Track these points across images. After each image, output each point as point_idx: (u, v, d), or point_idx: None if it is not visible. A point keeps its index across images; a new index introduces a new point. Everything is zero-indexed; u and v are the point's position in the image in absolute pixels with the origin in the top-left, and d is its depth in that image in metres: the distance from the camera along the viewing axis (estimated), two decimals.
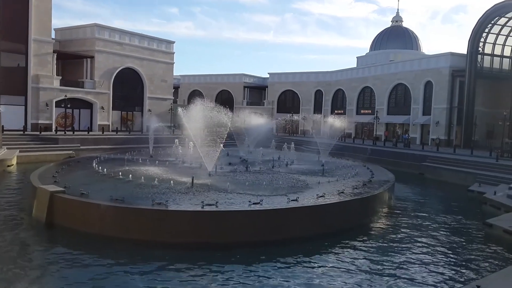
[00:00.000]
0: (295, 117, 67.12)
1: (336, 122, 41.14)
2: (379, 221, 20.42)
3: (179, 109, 32.64)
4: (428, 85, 54.61)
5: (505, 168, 32.22)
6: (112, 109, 53.13)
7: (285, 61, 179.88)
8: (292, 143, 42.07)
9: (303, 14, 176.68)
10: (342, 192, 20.04)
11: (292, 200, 17.61)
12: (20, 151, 34.51)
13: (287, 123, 72.61)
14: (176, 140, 33.51)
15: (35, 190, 17.85)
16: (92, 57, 50.92)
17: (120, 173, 22.12)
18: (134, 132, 50.10)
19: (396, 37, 75.81)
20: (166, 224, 15.44)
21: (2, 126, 35.77)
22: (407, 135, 53.50)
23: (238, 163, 29.96)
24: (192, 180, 20.78)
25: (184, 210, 15.85)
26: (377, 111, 59.12)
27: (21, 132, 41.42)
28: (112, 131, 50.90)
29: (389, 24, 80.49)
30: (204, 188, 19.95)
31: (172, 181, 20.72)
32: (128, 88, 55.57)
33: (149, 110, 57.10)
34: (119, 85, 53.94)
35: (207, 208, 15.89)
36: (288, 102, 77.54)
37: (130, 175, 21.90)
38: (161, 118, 51.55)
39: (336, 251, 15.52)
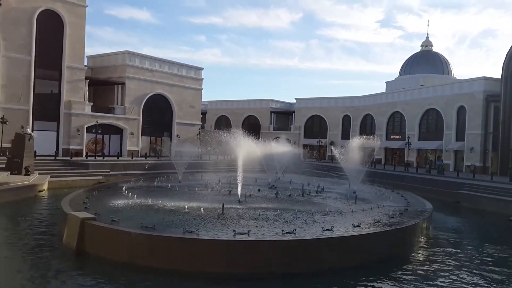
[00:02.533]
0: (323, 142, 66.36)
1: (366, 144, 40.19)
2: (417, 252, 19.34)
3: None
4: (461, 110, 53.16)
5: None
6: (142, 135, 53.71)
7: (310, 87, 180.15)
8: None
9: (327, 41, 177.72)
10: (378, 222, 19.18)
11: (326, 230, 16.90)
12: (51, 177, 34.93)
13: (314, 148, 71.89)
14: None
15: (66, 216, 17.72)
16: (123, 84, 51.95)
17: (150, 200, 21.90)
18: (162, 157, 50.29)
19: (426, 61, 74.77)
20: (198, 253, 14.95)
21: (35, 151, 36.42)
22: (441, 161, 51.84)
23: (267, 189, 29.45)
24: (223, 207, 20.35)
25: (216, 239, 15.35)
26: (408, 137, 57.76)
27: (53, 158, 42.08)
28: (141, 156, 51.31)
29: (416, 49, 79.81)
30: (235, 215, 19.47)
31: (202, 208, 20.34)
32: (157, 114, 56.26)
33: (178, 136, 57.47)
34: (149, 111, 54.66)
35: (239, 237, 15.36)
36: (315, 127, 76.91)
37: (160, 201, 21.63)
38: (189, 144, 51.69)
39: (372, 284, 14.62)
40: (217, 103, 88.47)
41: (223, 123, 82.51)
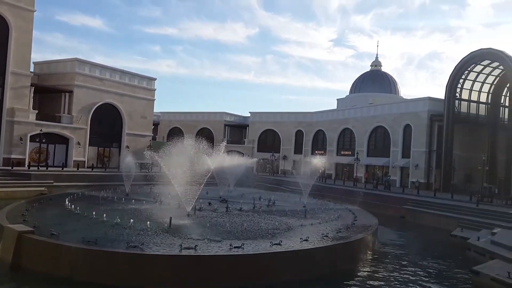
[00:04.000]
0: (275, 156, 66.87)
1: (316, 162, 40.92)
2: (363, 266, 19.74)
3: (146, 152, 32.30)
4: (407, 129, 55.42)
5: (486, 213, 32.20)
6: (89, 145, 51.77)
7: (265, 101, 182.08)
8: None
9: (283, 56, 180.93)
10: (326, 236, 19.44)
11: (275, 244, 16.90)
12: None
13: (267, 162, 72.26)
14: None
15: (2, 229, 16.67)
16: (71, 92, 50.06)
17: (94, 213, 21.05)
18: (110, 169, 48.67)
19: (375, 80, 77.76)
20: (141, 268, 14.45)
21: None
22: (387, 177, 53.62)
23: (218, 203, 29.18)
24: (170, 221, 19.90)
25: (160, 254, 14.92)
26: (357, 153, 59.44)
27: None
28: (88, 167, 49.41)
29: (366, 69, 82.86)
30: (183, 229, 19.06)
31: (148, 222, 19.76)
32: (106, 124, 54.56)
33: (127, 147, 55.95)
34: (97, 121, 52.89)
35: (185, 252, 15.03)
36: (269, 141, 77.52)
37: (105, 215, 20.85)
38: (139, 155, 50.42)
39: None
40: (170, 114, 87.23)
41: (176, 134, 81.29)
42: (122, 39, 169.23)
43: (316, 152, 67.81)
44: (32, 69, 49.34)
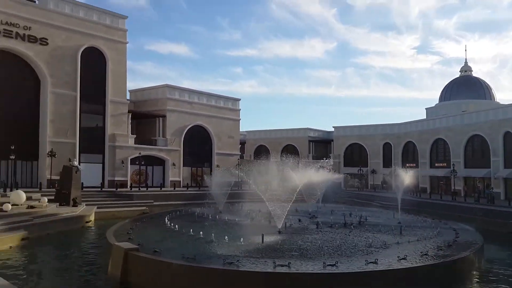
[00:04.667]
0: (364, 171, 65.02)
1: (408, 175, 39.07)
2: (468, 287, 18.31)
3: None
4: (508, 136, 50.89)
5: None
6: (183, 165, 54.73)
7: (348, 115, 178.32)
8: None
9: (363, 68, 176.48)
10: (426, 254, 18.38)
11: (370, 262, 16.36)
12: (97, 208, 36.02)
13: (355, 177, 70.38)
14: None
15: (111, 247, 18.11)
16: (164, 116, 53.51)
17: (191, 230, 22.07)
18: (203, 187, 50.87)
19: (467, 87, 72.71)
20: (237, 285, 14.82)
21: (82, 183, 37.75)
22: (490, 189, 49.43)
23: (307, 219, 29.05)
24: (262, 237, 20.19)
25: (255, 271, 15.18)
26: (453, 164, 55.68)
27: (99, 189, 43.49)
28: (183, 187, 52.09)
29: (456, 75, 77.83)
30: (275, 246, 19.24)
31: (242, 239, 20.25)
32: (198, 145, 57.32)
33: (217, 166, 58.11)
34: (189, 142, 55.80)
35: (279, 269, 15.13)
36: (355, 155, 75.62)
37: (201, 232, 21.75)
38: (229, 174, 52.07)
39: None
40: (255, 133, 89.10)
41: (262, 152, 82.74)
42: (206, 63, 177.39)
43: (407, 165, 64.62)
44: (128, 97, 53.57)
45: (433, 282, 16.79)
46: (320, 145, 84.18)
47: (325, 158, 63.56)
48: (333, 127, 79.58)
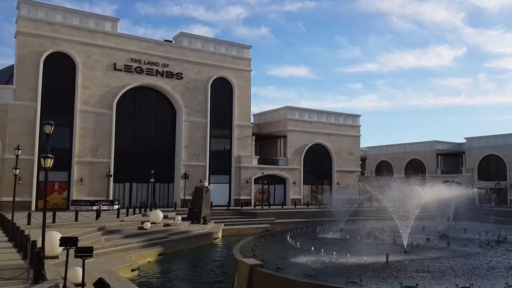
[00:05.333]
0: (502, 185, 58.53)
1: None
2: None
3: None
4: None
5: None
6: (303, 183, 55.53)
7: (482, 124, 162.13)
8: None
9: (498, 73, 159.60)
10: None
11: (511, 286, 14.85)
12: (224, 225, 38.34)
13: (492, 192, 63.66)
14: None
15: (237, 262, 19.20)
16: (285, 137, 55.17)
17: (313, 248, 22.34)
18: (323, 205, 50.88)
19: None
20: None
21: (211, 202, 40.66)
22: None
23: (437, 238, 27.28)
24: (387, 257, 19.59)
25: None
26: None
27: (226, 208, 46.32)
28: (304, 204, 52.76)
29: None
30: (400, 266, 18.54)
31: (365, 258, 19.90)
32: (317, 163, 57.74)
33: (337, 183, 57.65)
34: (309, 160, 56.54)
35: None
36: (492, 168, 68.49)
37: (322, 250, 21.89)
38: (349, 191, 51.32)
39: None
40: (377, 148, 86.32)
41: (384, 168, 79.77)
42: (325, 82, 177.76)
43: None
44: (252, 120, 56.42)
45: None
46: (450, 159, 78.11)
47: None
48: (465, 138, 73.40)
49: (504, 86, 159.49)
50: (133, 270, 21.58)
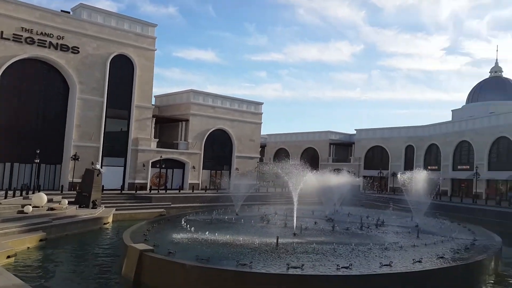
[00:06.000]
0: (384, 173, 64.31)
1: (429, 178, 38.46)
2: None
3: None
4: None
5: None
6: (203, 168, 55.32)
7: (372, 117, 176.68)
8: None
9: (390, 70, 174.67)
10: (442, 257, 18.17)
11: (384, 265, 16.29)
12: (116, 210, 36.72)
13: (374, 180, 69.64)
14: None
15: (126, 248, 18.49)
16: (187, 120, 54.26)
17: (207, 232, 22.37)
18: (221, 190, 51.32)
19: (496, 88, 71.09)
20: (250, 286, 14.98)
21: (102, 186, 38.58)
22: None
23: (324, 222, 29.00)
24: (277, 240, 20.30)
25: (268, 273, 15.32)
26: (476, 167, 54.57)
27: (119, 192, 44.37)
28: (202, 189, 52.67)
29: (485, 76, 76.29)
30: (289, 248, 19.34)
31: (257, 241, 20.42)
32: (218, 148, 57.91)
33: (237, 169, 58.49)
34: (210, 146, 56.42)
35: (292, 271, 15.24)
36: (376, 158, 74.89)
37: (216, 234, 22.02)
38: (248, 176, 52.36)
39: None
40: (276, 136, 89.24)
41: (282, 155, 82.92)
42: (231, 68, 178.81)
43: (428, 167, 63.64)
44: (153, 102, 54.47)
45: (448, 285, 16.60)
46: (341, 148, 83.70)
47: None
48: (355, 129, 79.07)
49: (394, 83, 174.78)
50: (9, 257, 19.66)
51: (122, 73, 47.84)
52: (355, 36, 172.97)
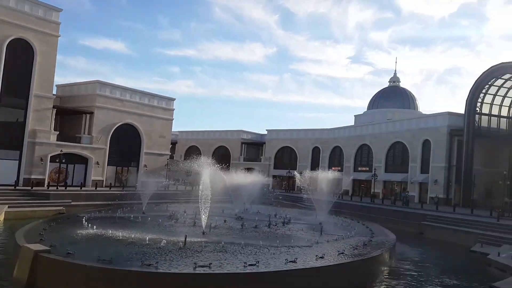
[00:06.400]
0: (292, 173, 66.65)
1: (334, 178, 40.55)
2: (380, 283, 19.40)
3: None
4: (426, 144, 54.74)
5: (507, 228, 31.38)
6: (108, 165, 52.60)
7: (282, 119, 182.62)
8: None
9: (300, 75, 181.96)
10: (342, 253, 19.20)
11: (290, 261, 16.76)
12: (8, 207, 33.52)
13: (283, 179, 72.03)
14: None
15: (19, 248, 16.92)
16: (91, 113, 51.19)
17: (110, 231, 21.29)
18: (128, 188, 49.26)
19: (394, 96, 77.42)
20: (155, 287, 14.49)
21: None
22: (406, 193, 52.82)
23: (233, 220, 29.19)
24: (185, 239, 19.93)
25: (174, 273, 14.94)
26: (374, 169, 58.84)
27: (12, 187, 40.56)
28: (106, 186, 50.08)
29: (384, 85, 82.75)
30: (198, 247, 19.09)
31: (164, 240, 19.87)
32: (126, 144, 55.45)
33: (145, 166, 56.60)
34: (117, 141, 53.80)
35: (199, 270, 15.02)
36: (286, 158, 77.45)
37: (121, 233, 21.04)
38: (157, 174, 50.98)
39: None
40: (188, 133, 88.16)
41: (193, 153, 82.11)
42: (142, 61, 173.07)
43: (333, 168, 67.26)
44: (55, 92, 50.58)
45: (347, 279, 17.57)
46: (253, 148, 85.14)
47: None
48: (266, 130, 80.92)
49: (303, 87, 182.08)
50: None
51: (20, 59, 43.77)
52: (268, 39, 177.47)
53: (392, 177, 59.18)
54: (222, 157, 76.96)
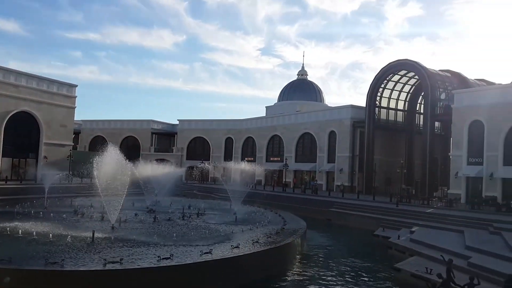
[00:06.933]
0: (205, 164, 66.37)
1: (247, 169, 41.08)
2: (293, 269, 20.07)
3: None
4: (332, 135, 57.67)
5: (405, 212, 34.21)
6: (2, 156, 47.80)
7: (194, 109, 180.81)
8: None
9: (211, 64, 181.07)
10: (257, 242, 19.45)
11: (205, 253, 16.57)
12: None
13: (196, 170, 71.30)
14: None
15: None
16: None
17: (8, 229, 19.37)
18: (26, 181, 45.28)
19: (302, 89, 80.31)
20: (62, 286, 13.45)
21: None
22: (314, 181, 55.26)
23: (145, 213, 28.22)
24: (93, 234, 18.80)
25: (82, 270, 13.99)
26: (286, 159, 60.69)
27: None
28: (1, 180, 45.50)
29: (293, 77, 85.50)
30: (107, 243, 18.10)
31: (69, 237, 18.55)
32: (22, 133, 50.77)
33: (45, 157, 52.37)
34: (12, 130, 48.99)
35: (110, 266, 14.22)
36: (198, 149, 76.76)
37: (20, 231, 19.26)
38: (58, 166, 47.49)
39: None
40: (93, 122, 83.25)
41: (99, 143, 77.74)
42: (40, 43, 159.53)
43: (246, 158, 68.24)
44: None
45: (262, 266, 17.85)
46: (164, 138, 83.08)
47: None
48: (178, 120, 79.40)
49: (215, 77, 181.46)
50: None
51: None
52: (177, 26, 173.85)
53: (302, 167, 61.54)
54: (131, 148, 74.01)
